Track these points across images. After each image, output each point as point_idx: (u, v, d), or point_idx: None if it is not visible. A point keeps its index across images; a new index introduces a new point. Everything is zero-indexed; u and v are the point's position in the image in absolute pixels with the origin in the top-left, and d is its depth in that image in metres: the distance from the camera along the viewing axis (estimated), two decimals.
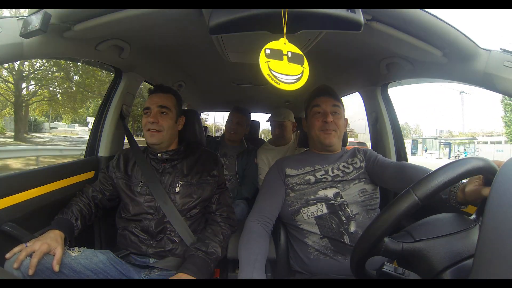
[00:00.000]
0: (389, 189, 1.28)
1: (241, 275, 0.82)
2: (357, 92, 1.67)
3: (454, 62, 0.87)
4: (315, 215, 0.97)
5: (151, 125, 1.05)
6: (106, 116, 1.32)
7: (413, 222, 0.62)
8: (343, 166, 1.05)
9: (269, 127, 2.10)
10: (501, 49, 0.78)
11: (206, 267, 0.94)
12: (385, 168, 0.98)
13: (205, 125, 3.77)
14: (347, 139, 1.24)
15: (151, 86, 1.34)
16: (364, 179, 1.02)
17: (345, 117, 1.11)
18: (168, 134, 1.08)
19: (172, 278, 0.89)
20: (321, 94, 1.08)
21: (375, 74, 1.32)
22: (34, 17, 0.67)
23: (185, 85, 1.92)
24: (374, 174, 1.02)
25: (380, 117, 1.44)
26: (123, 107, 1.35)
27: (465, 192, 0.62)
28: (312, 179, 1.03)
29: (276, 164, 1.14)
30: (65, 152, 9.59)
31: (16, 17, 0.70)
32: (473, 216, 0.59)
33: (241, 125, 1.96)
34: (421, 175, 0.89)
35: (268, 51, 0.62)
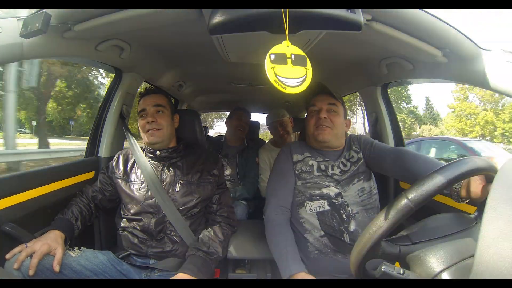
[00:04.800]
0: (389, 177, 1.28)
1: (282, 274, 0.89)
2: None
3: (454, 62, 0.87)
4: (318, 210, 0.99)
5: (151, 125, 1.05)
6: (106, 116, 1.32)
7: (412, 222, 0.61)
8: (342, 164, 1.06)
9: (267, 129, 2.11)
10: (501, 49, 0.78)
11: (206, 267, 0.94)
12: (384, 156, 1.00)
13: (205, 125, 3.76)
14: None
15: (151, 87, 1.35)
16: (362, 177, 1.03)
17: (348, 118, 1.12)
18: (167, 131, 1.09)
19: (172, 278, 0.89)
20: (317, 93, 1.10)
21: (375, 74, 1.32)
22: (34, 17, 0.67)
23: (185, 85, 1.92)
24: (373, 162, 1.04)
25: (380, 117, 1.45)
26: (123, 107, 1.35)
27: (471, 192, 0.61)
28: (315, 164, 1.06)
29: (284, 150, 1.15)
30: None
31: (16, 17, 0.70)
32: (474, 214, 0.59)
33: (247, 124, 2.06)
34: (422, 165, 0.90)
35: (273, 57, 0.62)
